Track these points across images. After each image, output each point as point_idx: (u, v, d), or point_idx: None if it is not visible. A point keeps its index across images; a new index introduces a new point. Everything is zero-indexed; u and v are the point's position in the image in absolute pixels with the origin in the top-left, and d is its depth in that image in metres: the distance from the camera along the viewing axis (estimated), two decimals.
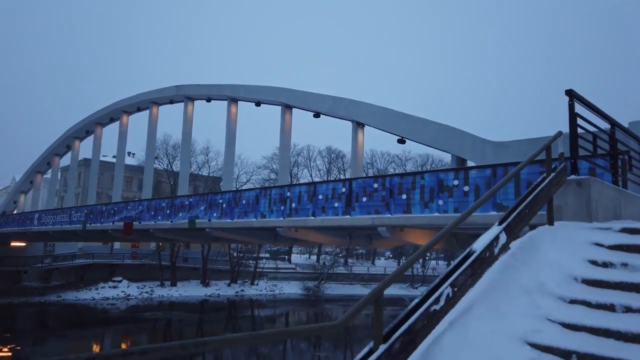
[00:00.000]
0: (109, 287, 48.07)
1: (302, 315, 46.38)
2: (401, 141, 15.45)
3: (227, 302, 50.05)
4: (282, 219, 14.10)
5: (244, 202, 15.51)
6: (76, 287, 46.39)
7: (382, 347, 2.87)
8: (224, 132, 22.48)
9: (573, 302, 3.56)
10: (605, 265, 3.91)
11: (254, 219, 14.98)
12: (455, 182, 10.41)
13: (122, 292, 48.04)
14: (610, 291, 3.58)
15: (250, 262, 59.04)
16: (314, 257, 67.65)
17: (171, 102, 26.07)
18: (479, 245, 3.79)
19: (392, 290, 59.52)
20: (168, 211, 18.42)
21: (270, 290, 55.92)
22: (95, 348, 27.32)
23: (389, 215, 11.49)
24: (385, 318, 3.13)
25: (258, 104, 21.11)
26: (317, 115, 18.43)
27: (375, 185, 11.91)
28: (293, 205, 13.85)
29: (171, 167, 55.64)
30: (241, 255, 58.80)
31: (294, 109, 19.69)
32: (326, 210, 12.97)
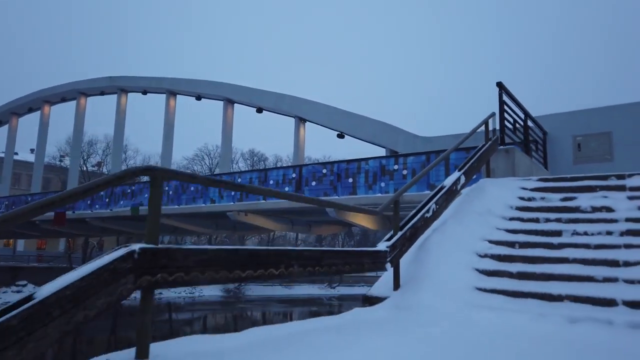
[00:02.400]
0: (11, 291, 44.29)
1: (221, 317, 46.24)
2: (340, 136, 17.00)
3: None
4: (232, 203, 14.95)
5: (192, 188, 16.07)
6: None
7: (399, 233, 4.19)
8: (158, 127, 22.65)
9: (512, 219, 5.17)
10: (529, 199, 5.59)
11: (203, 204, 15.63)
12: (395, 167, 12.11)
13: None
14: (535, 212, 5.24)
15: None
16: None
17: (102, 94, 25.44)
18: (448, 181, 5.30)
19: (310, 290, 61.31)
20: (107, 199, 18.30)
21: (190, 293, 55.01)
22: None
23: (337, 197, 12.91)
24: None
25: (198, 97, 21.59)
26: (259, 110, 19.44)
27: (324, 171, 13.28)
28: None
29: (85, 164, 52.69)
30: None
31: (236, 105, 20.53)
32: None
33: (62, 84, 26.68)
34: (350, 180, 12.72)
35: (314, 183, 13.39)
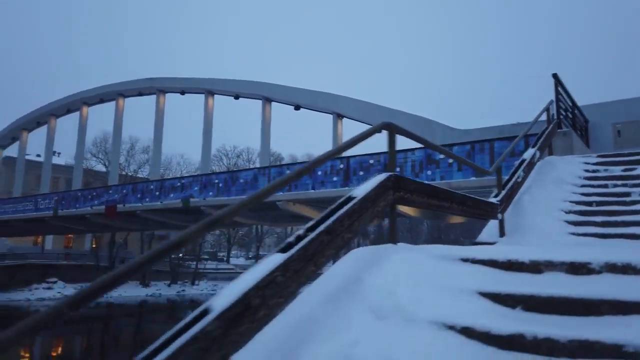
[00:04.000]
0: (43, 288, 45.86)
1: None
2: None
3: (168, 302, 49.77)
4: (282, 193, 15.98)
5: (241, 180, 17.15)
6: (7, 288, 43.80)
7: (503, 192, 5.19)
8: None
9: (583, 185, 6.16)
10: (594, 171, 6.57)
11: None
12: (441, 156, 13.09)
13: (58, 292, 46.03)
14: (602, 180, 6.22)
15: (190, 263, 58.94)
16: (250, 261, 68.77)
17: (140, 94, 26.65)
18: (527, 155, 6.31)
19: None
20: (157, 193, 19.42)
21: (212, 290, 56.21)
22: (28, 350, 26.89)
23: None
24: None
25: (237, 97, 22.70)
26: (297, 107, 20.50)
27: (371, 161, 14.30)
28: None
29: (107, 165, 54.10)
30: (181, 256, 58.52)
31: (273, 103, 21.61)
32: (325, 184, 15.12)
33: (101, 86, 27.92)
34: (398, 169, 13.70)
35: (361, 173, 14.39)
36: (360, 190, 2.92)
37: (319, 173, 15.39)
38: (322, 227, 2.50)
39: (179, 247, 1.90)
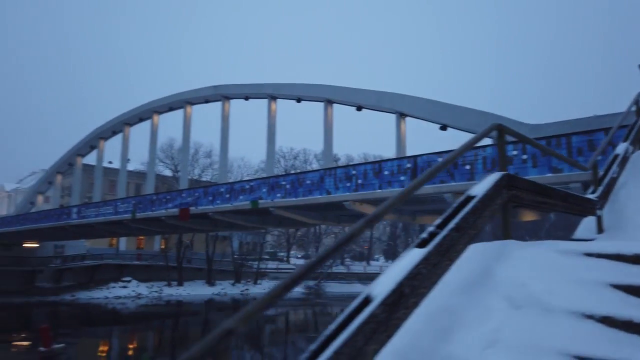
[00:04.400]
0: (119, 286, 49.02)
1: (302, 314, 47.81)
2: (443, 128, 17.84)
3: (232, 300, 51.53)
4: (348, 193, 16.27)
5: (308, 182, 17.60)
6: (87, 287, 47.20)
7: (600, 188, 5.14)
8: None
9: None
10: None
11: (320, 196, 17.08)
12: (514, 152, 12.83)
13: (133, 291, 49.03)
14: None
15: (252, 263, 60.68)
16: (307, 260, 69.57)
17: (206, 102, 27.88)
18: (620, 150, 6.17)
19: (355, 289, 61.58)
20: (228, 195, 20.31)
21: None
22: (113, 344, 28.71)
23: (454, 183, 13.82)
24: None
25: (299, 100, 23.26)
26: (359, 108, 20.71)
27: (440, 159, 14.23)
28: (359, 181, 16.05)
29: (177, 171, 56.76)
30: (243, 256, 60.50)
31: (335, 104, 21.95)
32: (392, 184, 15.23)
33: (170, 95, 29.47)
34: (468, 167, 13.58)
35: None
36: (478, 189, 3.09)
37: (386, 173, 15.52)
38: (451, 224, 2.70)
39: (349, 241, 2.17)
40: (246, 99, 25.80)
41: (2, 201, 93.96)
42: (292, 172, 52.07)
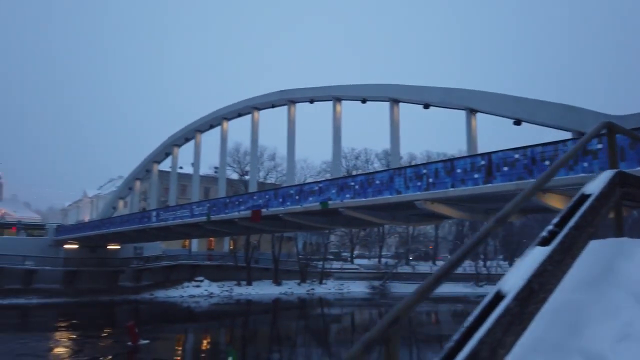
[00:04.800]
0: (192, 286, 51.57)
1: (367, 314, 47.65)
2: (517, 123, 17.25)
3: (299, 300, 52.54)
4: (419, 192, 16.18)
5: (377, 182, 17.69)
6: (164, 286, 50.04)
7: None
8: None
9: None
10: None
11: (390, 196, 17.12)
12: (599, 146, 12.23)
13: (205, 290, 51.39)
14: None
15: (317, 263, 61.49)
16: (373, 260, 69.56)
17: (273, 106, 28.68)
18: None
19: (455, 289, 60.12)
20: (297, 197, 20.85)
21: (338, 289, 58.11)
22: (193, 340, 30.07)
23: (533, 180, 13.37)
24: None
25: (364, 101, 23.36)
26: (426, 106, 20.48)
27: (516, 156, 13.83)
28: (430, 180, 15.93)
29: (244, 174, 58.67)
30: (308, 257, 61.47)
31: (401, 103, 21.85)
32: (466, 182, 14.98)
33: (238, 102, 30.62)
34: (547, 162, 13.10)
35: (505, 168, 14.01)
36: (593, 187, 3.12)
37: (458, 171, 15.29)
38: (571, 223, 2.77)
39: (484, 239, 2.35)
40: (311, 101, 26.25)
41: (86, 206, 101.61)
42: (357, 172, 52.24)
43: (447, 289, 59.14)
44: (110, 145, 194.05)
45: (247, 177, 57.87)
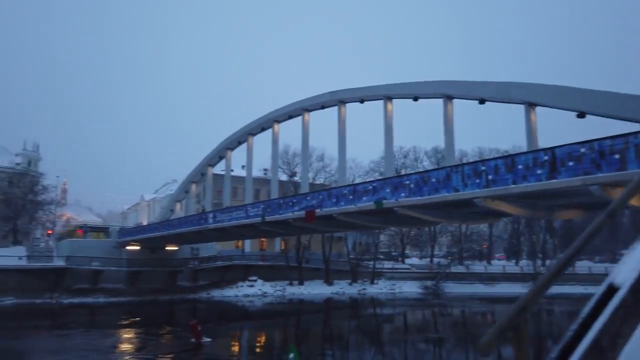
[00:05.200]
0: (246, 285, 52.81)
1: (420, 314, 46.86)
2: (581, 115, 16.54)
3: (350, 299, 52.55)
4: (478, 190, 15.84)
5: (433, 180, 17.46)
6: (220, 285, 51.54)
7: None
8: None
9: None
10: None
11: (447, 194, 16.86)
12: None
13: (259, 290, 52.48)
14: None
15: (368, 262, 61.27)
16: (425, 260, 68.50)
17: (322, 108, 28.93)
18: None
19: (513, 289, 58.06)
20: (351, 197, 20.93)
21: (390, 289, 57.63)
22: (252, 338, 30.69)
23: (601, 174, 12.79)
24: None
25: (415, 98, 23.13)
26: (482, 102, 20.01)
27: (583, 150, 13.27)
28: (490, 177, 15.56)
29: (293, 175, 59.49)
30: (359, 256, 61.39)
31: (455, 100, 21.47)
32: (528, 178, 14.52)
33: (289, 104, 31.12)
34: (617, 156, 12.49)
35: (571, 163, 13.47)
36: None
37: (519, 167, 14.85)
38: None
39: (593, 236, 2.35)
40: (361, 101, 26.28)
41: (143, 209, 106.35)
42: (406, 171, 51.63)
43: (503, 289, 57.46)
44: (164, 150, 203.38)
45: (296, 178, 58.75)
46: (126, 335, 28.39)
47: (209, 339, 23.05)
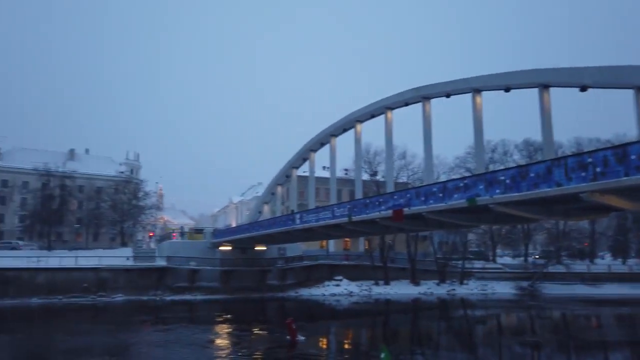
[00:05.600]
0: (333, 285, 53.39)
1: (515, 317, 44.12)
2: None
3: (439, 300, 51.01)
4: (585, 184, 14.60)
5: (532, 175, 16.38)
6: (307, 284, 52.63)
7: None
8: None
9: None
10: None
11: (549, 189, 15.73)
12: None
13: (345, 289, 52.81)
14: None
15: (456, 262, 59.20)
16: (518, 259, 64.75)
17: (406, 105, 28.38)
18: None
19: (621, 290, 52.89)
20: (441, 195, 20.30)
21: (482, 290, 55.18)
22: (343, 336, 30.72)
23: None
24: None
25: (507, 89, 21.89)
26: (583, 89, 18.47)
27: None
28: (597, 169, 14.27)
29: (374, 174, 59.20)
30: (447, 256, 59.54)
31: (551, 88, 20.01)
32: None
33: (371, 103, 30.93)
34: None
35: None
36: None
37: (632, 157, 13.46)
38: None
39: None
40: (447, 96, 25.38)
41: (231, 212, 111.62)
42: (494, 166, 49.15)
43: (609, 290, 52.78)
44: (250, 155, 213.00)
45: (377, 178, 58.33)
46: (222, 331, 29.89)
47: (303, 337, 23.53)
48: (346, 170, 60.89)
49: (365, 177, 59.04)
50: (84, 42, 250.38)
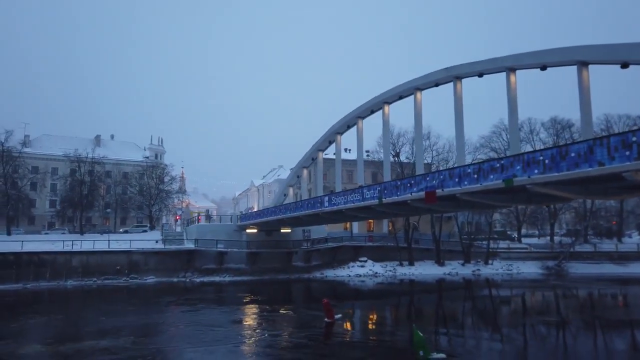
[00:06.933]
0: (357, 266, 53.87)
1: (540, 296, 43.86)
2: None
3: (464, 280, 51.05)
4: (629, 163, 14.42)
5: (572, 154, 16.22)
6: (332, 266, 53.21)
7: None
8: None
9: None
10: None
11: (590, 169, 15.57)
12: None
13: (370, 270, 53.26)
14: None
15: (481, 242, 58.99)
16: (544, 239, 64.11)
17: (436, 85, 28.07)
18: None
19: None
20: (475, 176, 20.23)
21: (507, 270, 55.03)
22: (373, 315, 31.04)
23: None
24: None
25: (543, 68, 21.52)
26: (624, 66, 18.07)
27: None
28: None
29: (397, 156, 58.89)
30: (472, 236, 59.33)
31: (591, 66, 19.62)
32: None
33: (399, 85, 30.66)
34: None
35: None
36: None
37: None
38: None
39: None
40: (480, 75, 25.03)
41: (253, 195, 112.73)
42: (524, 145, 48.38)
43: (638, 269, 51.99)
44: (271, 138, 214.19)
45: (400, 159, 58.09)
46: (250, 311, 30.47)
47: (339, 316, 23.93)
48: (367, 152, 60.70)
49: (391, 158, 58.87)
50: (108, 31, 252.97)
